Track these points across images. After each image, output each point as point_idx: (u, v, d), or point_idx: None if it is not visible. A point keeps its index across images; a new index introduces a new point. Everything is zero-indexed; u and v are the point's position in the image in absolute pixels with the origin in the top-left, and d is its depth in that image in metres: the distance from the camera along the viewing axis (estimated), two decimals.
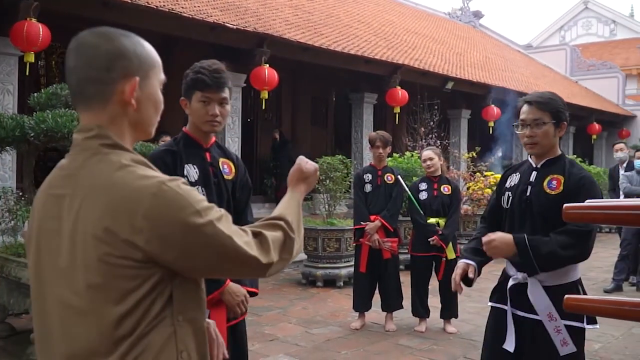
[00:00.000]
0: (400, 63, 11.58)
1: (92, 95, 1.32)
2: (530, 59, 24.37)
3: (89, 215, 1.24)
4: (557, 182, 2.62)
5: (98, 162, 1.29)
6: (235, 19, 8.79)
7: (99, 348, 1.24)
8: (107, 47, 1.31)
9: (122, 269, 1.23)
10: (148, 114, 1.38)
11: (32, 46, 6.38)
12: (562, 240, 2.50)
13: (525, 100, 2.70)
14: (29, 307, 4.82)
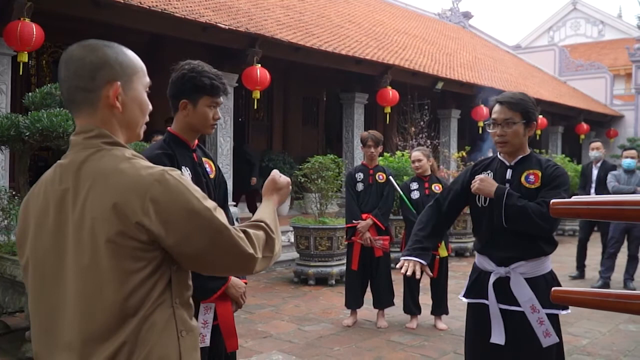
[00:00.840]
0: (391, 63, 11.66)
1: (81, 102, 1.47)
2: (519, 60, 24.54)
3: (96, 202, 1.37)
4: (534, 176, 2.75)
5: (102, 157, 1.42)
6: (227, 19, 8.83)
7: (110, 326, 1.36)
8: (91, 58, 1.46)
9: (128, 249, 1.35)
10: (134, 115, 1.52)
11: (26, 46, 6.40)
12: (536, 208, 2.66)
13: (496, 100, 2.81)
14: (24, 305, 4.86)
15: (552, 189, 2.71)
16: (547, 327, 2.66)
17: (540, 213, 2.64)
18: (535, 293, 2.69)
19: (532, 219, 2.65)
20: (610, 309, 1.78)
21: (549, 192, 2.70)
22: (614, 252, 7.89)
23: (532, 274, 2.73)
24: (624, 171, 7.89)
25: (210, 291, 2.54)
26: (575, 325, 5.95)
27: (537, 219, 2.64)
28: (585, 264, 8.66)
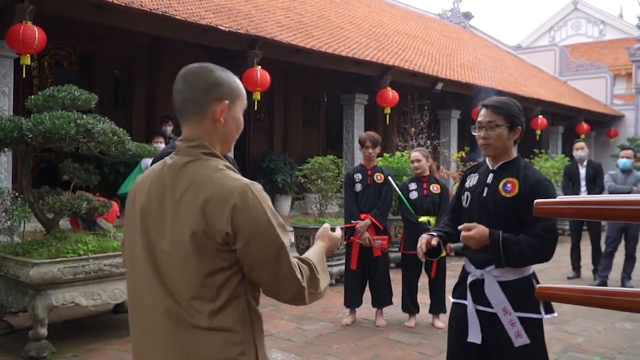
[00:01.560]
0: (391, 64, 11.73)
1: (191, 112, 1.71)
2: (520, 60, 24.59)
3: (189, 202, 1.62)
4: (511, 185, 2.70)
5: (199, 165, 1.67)
6: (227, 21, 8.90)
7: (208, 290, 1.61)
8: (207, 77, 1.71)
9: (208, 247, 1.60)
10: (231, 130, 1.77)
11: (28, 49, 6.47)
12: (531, 243, 2.62)
13: (482, 103, 2.83)
14: (27, 304, 4.93)
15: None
16: (518, 328, 2.68)
17: (537, 248, 2.63)
18: (512, 296, 2.70)
19: (530, 258, 2.67)
20: (594, 305, 1.85)
21: (536, 220, 2.62)
22: (611, 251, 7.95)
23: (509, 277, 2.72)
24: (620, 171, 7.95)
25: None
26: (572, 324, 6.01)
27: (535, 253, 2.64)
28: (581, 264, 8.75)
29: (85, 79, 11.25)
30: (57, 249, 5.06)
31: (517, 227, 2.67)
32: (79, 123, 4.96)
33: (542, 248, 2.63)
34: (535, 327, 2.72)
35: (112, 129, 5.28)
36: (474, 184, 2.86)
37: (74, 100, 5.34)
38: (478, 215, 2.79)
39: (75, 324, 5.86)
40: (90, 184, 5.71)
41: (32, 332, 4.88)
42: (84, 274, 5.05)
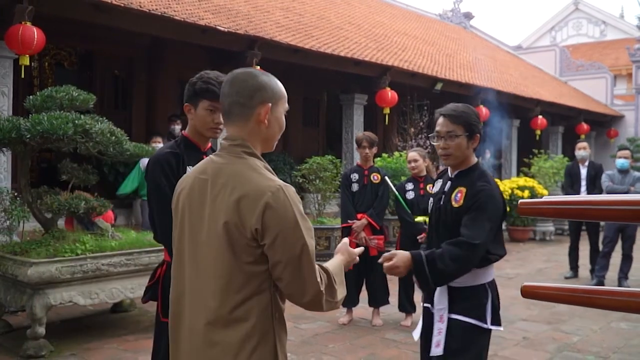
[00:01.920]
0: (390, 65, 11.74)
1: (237, 114, 1.84)
2: (520, 60, 24.60)
3: (226, 196, 1.75)
4: (460, 194, 2.68)
5: (240, 163, 1.80)
6: (226, 22, 8.93)
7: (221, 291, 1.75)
8: (252, 82, 1.84)
9: (237, 240, 1.73)
10: (274, 131, 1.90)
11: (27, 49, 6.50)
12: (454, 253, 2.58)
13: (440, 112, 2.83)
14: (25, 303, 4.97)
15: (473, 218, 2.61)
16: (441, 338, 2.67)
17: (458, 256, 2.57)
18: (460, 301, 2.69)
19: (457, 271, 2.62)
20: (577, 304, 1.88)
21: (469, 222, 2.61)
22: (608, 251, 7.98)
23: (463, 284, 2.69)
24: (617, 171, 7.97)
25: None
26: (567, 323, 6.04)
27: (461, 268, 2.60)
28: (579, 264, 8.78)
29: (85, 79, 11.30)
30: (55, 249, 5.10)
31: None
32: (76, 123, 4.99)
33: (464, 256, 2.57)
34: (473, 334, 2.68)
35: (110, 129, 5.30)
36: (437, 191, 2.88)
37: (72, 101, 5.38)
38: (435, 224, 2.82)
39: (73, 323, 5.89)
40: (89, 184, 5.74)
41: (30, 331, 4.92)
42: (81, 274, 5.08)
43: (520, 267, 9.53)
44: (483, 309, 2.68)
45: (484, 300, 2.70)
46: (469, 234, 2.58)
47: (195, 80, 2.78)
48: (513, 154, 17.56)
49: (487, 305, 2.70)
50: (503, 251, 2.79)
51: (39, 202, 5.31)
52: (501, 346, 5.28)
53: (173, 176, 2.69)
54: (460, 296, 2.70)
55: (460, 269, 2.61)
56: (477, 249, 2.58)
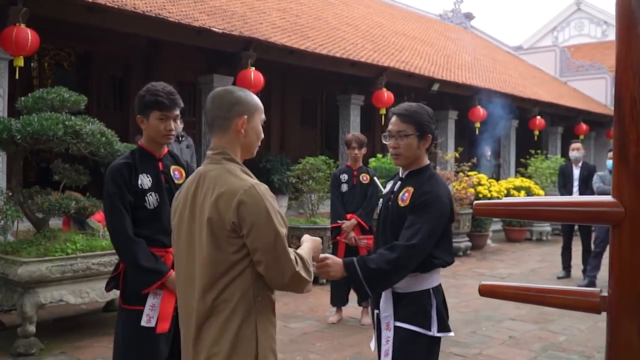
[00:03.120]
0: (386, 65, 11.79)
1: (218, 126, 2.10)
2: (520, 61, 24.60)
3: (208, 198, 2.01)
4: (407, 194, 2.63)
5: (219, 168, 2.05)
6: (221, 23, 8.99)
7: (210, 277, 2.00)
8: (229, 97, 2.12)
9: (219, 233, 1.97)
10: (252, 139, 2.15)
11: (22, 51, 6.57)
12: (388, 257, 2.51)
13: (392, 112, 2.77)
14: (16, 302, 5.04)
15: (413, 220, 2.56)
16: (389, 347, 2.61)
17: (393, 262, 2.50)
18: (404, 307, 2.62)
19: (393, 274, 2.54)
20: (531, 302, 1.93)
21: (409, 223, 2.56)
22: (599, 252, 8.01)
23: (408, 289, 2.62)
24: (609, 172, 8.00)
25: (146, 284, 2.90)
26: (555, 323, 6.08)
27: (396, 271, 2.52)
28: (572, 264, 8.82)
29: (83, 80, 11.38)
30: (46, 248, 5.17)
31: None
32: (67, 124, 5.06)
33: (398, 258, 2.50)
34: (418, 342, 2.59)
35: (101, 130, 5.37)
36: (388, 191, 2.83)
37: (64, 102, 5.44)
38: (382, 223, 2.78)
39: (65, 322, 5.96)
40: (80, 184, 5.80)
41: (21, 329, 4.98)
42: (72, 273, 5.15)
43: (513, 267, 9.57)
44: (428, 316, 2.59)
45: (428, 307, 2.61)
46: (405, 235, 2.53)
47: (143, 93, 2.98)
48: (511, 154, 17.59)
49: (431, 312, 2.60)
50: (450, 258, 2.68)
51: (30, 202, 5.38)
52: (487, 345, 5.33)
53: (125, 185, 2.92)
54: (404, 303, 2.62)
55: (395, 271, 2.52)
56: (412, 251, 2.51)
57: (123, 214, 2.89)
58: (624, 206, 1.60)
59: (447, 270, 9.12)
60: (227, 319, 1.99)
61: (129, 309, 2.97)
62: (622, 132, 1.62)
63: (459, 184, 11.38)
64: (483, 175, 12.02)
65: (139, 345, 2.92)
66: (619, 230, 1.62)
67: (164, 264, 2.93)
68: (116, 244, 3.00)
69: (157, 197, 2.97)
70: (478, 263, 10.03)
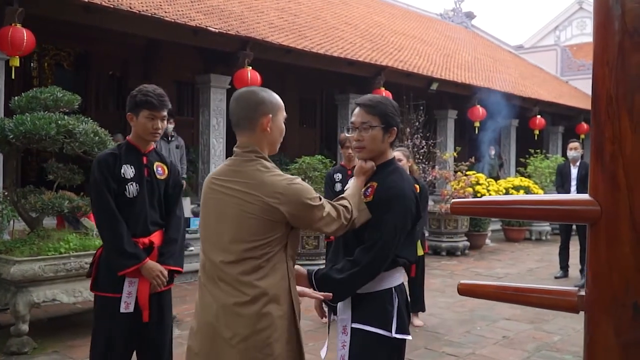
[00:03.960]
0: (384, 65, 11.78)
1: (244, 126, 2.26)
2: (521, 60, 24.56)
3: (247, 192, 2.17)
4: (371, 189, 2.51)
5: (253, 165, 2.21)
6: (218, 23, 8.99)
7: (246, 249, 2.19)
8: (254, 98, 2.27)
9: (263, 218, 2.16)
10: (276, 137, 2.32)
11: (17, 50, 6.58)
12: (345, 265, 2.41)
13: (356, 102, 2.65)
14: (9, 301, 5.04)
15: (378, 217, 2.44)
16: (345, 353, 2.47)
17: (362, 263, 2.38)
18: (363, 308, 2.46)
19: (362, 277, 2.42)
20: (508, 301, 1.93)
21: (374, 221, 2.44)
22: None
23: (367, 289, 2.45)
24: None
25: (123, 266, 3.06)
26: (550, 323, 6.07)
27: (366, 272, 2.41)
28: (569, 264, 8.80)
29: (82, 80, 11.40)
30: (39, 247, 5.17)
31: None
32: (59, 124, 5.07)
33: (368, 259, 2.38)
34: (377, 345, 2.45)
35: (94, 129, 5.37)
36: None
37: (57, 102, 5.45)
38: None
39: (60, 321, 5.96)
40: (75, 184, 5.80)
41: (14, 328, 4.99)
42: (65, 272, 5.15)
43: (511, 267, 9.55)
44: (388, 316, 2.44)
45: (389, 307, 2.45)
46: (371, 237, 2.41)
47: (135, 93, 3.20)
48: (511, 153, 17.56)
49: (392, 312, 2.44)
50: (413, 256, 2.58)
51: (24, 202, 5.38)
52: (480, 345, 5.32)
53: (109, 172, 3.14)
54: (363, 303, 2.46)
55: (363, 273, 2.40)
56: (381, 250, 2.39)
57: (108, 198, 3.11)
58: (599, 205, 1.59)
59: (444, 269, 9.17)
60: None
61: (101, 295, 3.20)
62: (598, 130, 1.61)
63: (457, 183, 11.37)
64: (481, 175, 12.00)
65: (111, 331, 3.13)
66: (595, 229, 1.62)
67: (141, 250, 3.13)
68: (102, 224, 3.18)
69: (137, 187, 3.18)
70: (476, 263, 10.02)
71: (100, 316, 3.22)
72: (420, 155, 12.44)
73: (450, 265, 9.69)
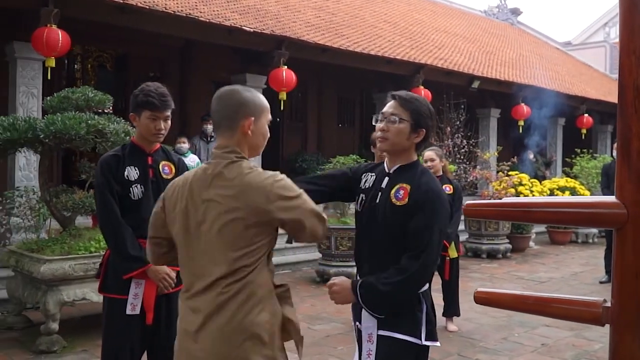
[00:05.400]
0: (423, 62, 11.56)
1: (225, 127, 2.09)
2: (569, 57, 23.86)
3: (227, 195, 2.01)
4: (404, 192, 2.37)
5: (234, 166, 2.04)
6: (253, 22, 8.96)
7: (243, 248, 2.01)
8: (236, 98, 2.09)
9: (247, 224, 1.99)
10: (258, 140, 2.14)
11: (52, 51, 6.67)
12: (390, 280, 2.29)
13: (391, 94, 2.58)
14: (40, 299, 5.09)
15: (424, 224, 2.30)
16: None
17: (396, 284, 2.28)
18: (395, 316, 2.36)
19: (397, 296, 2.32)
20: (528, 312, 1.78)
21: (421, 229, 2.30)
22: None
23: None
24: None
25: (127, 270, 3.04)
26: (592, 330, 5.78)
27: (401, 292, 2.31)
28: None
29: (121, 81, 11.57)
30: (70, 246, 5.21)
31: (404, 238, 2.35)
32: (89, 124, 5.08)
33: (404, 280, 2.27)
34: (406, 353, 2.36)
35: (125, 129, 5.38)
36: (369, 186, 2.52)
37: (88, 101, 5.48)
38: (367, 222, 2.48)
39: (93, 320, 5.99)
40: None
41: (44, 327, 5.03)
42: (95, 271, 5.13)
43: (554, 271, 9.21)
44: (417, 323, 2.35)
45: (419, 313, 2.36)
46: (419, 242, 2.29)
47: (137, 92, 3.09)
48: (558, 153, 17.04)
49: (421, 319, 2.36)
50: (438, 259, 2.46)
51: (55, 201, 5.43)
52: (517, 352, 5.10)
53: (111, 174, 3.08)
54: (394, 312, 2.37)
55: (413, 282, 2.32)
56: (430, 256, 2.30)
57: (111, 201, 3.07)
58: (626, 207, 1.44)
59: (483, 272, 8.91)
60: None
61: (109, 297, 3.15)
62: (624, 125, 1.45)
63: (498, 184, 11.07)
64: (525, 175, 11.63)
65: (119, 332, 3.10)
66: (621, 234, 1.46)
67: None
68: (105, 228, 3.14)
69: (142, 189, 3.12)
70: (518, 266, 9.71)
71: (109, 318, 3.18)
72: (461, 155, 12.18)
73: (491, 268, 9.41)
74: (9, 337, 5.36)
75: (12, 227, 6.85)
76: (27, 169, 7.30)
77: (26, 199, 6.66)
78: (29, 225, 6.67)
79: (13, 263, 5.40)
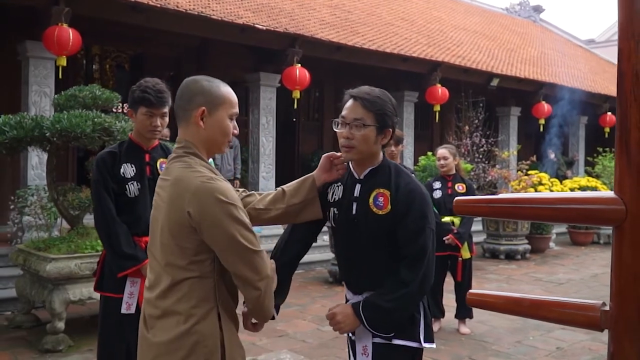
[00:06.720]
0: (440, 60, 11.38)
1: (180, 117, 2.01)
2: (592, 54, 23.41)
3: (170, 194, 1.93)
4: (383, 198, 2.20)
5: (179, 162, 1.96)
6: (267, 20, 8.89)
7: (180, 261, 1.91)
8: (192, 87, 1.99)
9: (180, 225, 1.88)
10: (214, 135, 1.99)
11: (63, 50, 6.67)
12: (393, 296, 2.16)
13: (350, 94, 2.28)
14: (46, 298, 5.07)
15: (415, 230, 2.15)
16: None
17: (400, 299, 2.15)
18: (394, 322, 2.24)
19: (412, 303, 2.21)
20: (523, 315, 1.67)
21: (413, 235, 2.15)
22: None
23: None
24: None
25: (121, 268, 3.01)
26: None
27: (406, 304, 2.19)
28: None
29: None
30: (77, 245, 5.18)
31: (391, 246, 2.21)
32: (95, 122, 5.04)
33: (408, 292, 2.15)
34: (406, 356, 2.26)
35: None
36: (340, 197, 2.30)
37: (95, 100, 5.45)
38: (347, 236, 2.30)
39: None
40: None
41: (50, 326, 5.01)
42: None
43: (574, 273, 8.99)
44: (416, 326, 2.24)
45: (417, 315, 2.25)
46: (413, 249, 2.16)
47: (135, 88, 3.06)
48: (580, 152, 16.71)
49: (420, 321, 2.25)
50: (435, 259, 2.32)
51: (62, 199, 5.41)
52: (530, 356, 4.95)
53: (107, 171, 3.06)
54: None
55: (417, 292, 2.18)
56: (429, 261, 2.17)
57: (106, 198, 3.05)
58: (624, 204, 1.33)
59: (500, 274, 8.73)
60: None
61: (104, 296, 3.15)
62: (622, 115, 1.33)
63: (517, 183, 10.86)
64: (544, 175, 11.40)
65: (115, 332, 3.11)
66: (619, 232, 1.35)
67: (141, 251, 3.03)
68: (100, 226, 3.10)
69: (139, 186, 3.09)
70: (536, 267, 9.50)
71: (104, 317, 3.16)
72: (480, 154, 11.98)
73: (509, 269, 9.22)
74: (16, 336, 5.35)
75: (25, 225, 6.87)
76: (39, 168, 7.30)
77: (37, 197, 6.67)
78: (41, 224, 6.69)
79: (21, 261, 5.40)
